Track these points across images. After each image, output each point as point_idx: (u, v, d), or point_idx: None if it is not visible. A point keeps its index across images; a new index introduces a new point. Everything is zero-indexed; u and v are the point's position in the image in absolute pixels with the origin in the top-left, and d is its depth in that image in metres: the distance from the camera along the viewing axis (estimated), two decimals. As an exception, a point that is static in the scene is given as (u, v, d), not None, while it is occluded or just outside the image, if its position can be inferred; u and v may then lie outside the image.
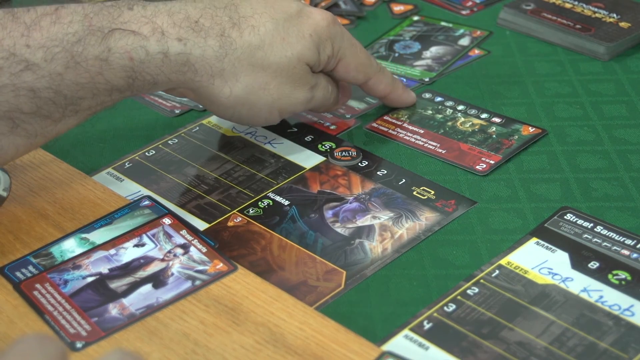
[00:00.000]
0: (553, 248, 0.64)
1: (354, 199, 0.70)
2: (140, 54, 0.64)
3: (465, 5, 0.97)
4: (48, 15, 0.63)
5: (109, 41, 0.63)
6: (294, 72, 0.69)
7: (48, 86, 0.62)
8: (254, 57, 0.68)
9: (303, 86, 0.71)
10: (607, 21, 0.90)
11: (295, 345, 0.56)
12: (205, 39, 0.66)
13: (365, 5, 0.99)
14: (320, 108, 0.75)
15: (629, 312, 0.59)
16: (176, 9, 0.67)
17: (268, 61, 0.68)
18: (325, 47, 0.71)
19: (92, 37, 0.63)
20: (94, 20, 0.63)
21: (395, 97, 0.78)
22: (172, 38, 0.65)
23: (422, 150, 0.75)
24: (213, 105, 0.70)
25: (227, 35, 0.67)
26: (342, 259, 0.65)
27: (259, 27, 0.68)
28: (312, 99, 0.72)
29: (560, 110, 0.80)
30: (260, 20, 0.69)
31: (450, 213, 0.69)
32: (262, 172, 0.74)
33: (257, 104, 0.69)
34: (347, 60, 0.73)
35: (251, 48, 0.68)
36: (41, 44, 0.62)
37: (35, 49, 0.62)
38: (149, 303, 0.60)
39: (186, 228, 0.66)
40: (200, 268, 0.62)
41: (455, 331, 0.58)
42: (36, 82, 0.62)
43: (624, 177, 0.72)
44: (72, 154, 0.76)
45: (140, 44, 0.64)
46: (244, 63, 0.68)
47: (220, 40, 0.67)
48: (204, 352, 0.56)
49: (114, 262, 0.63)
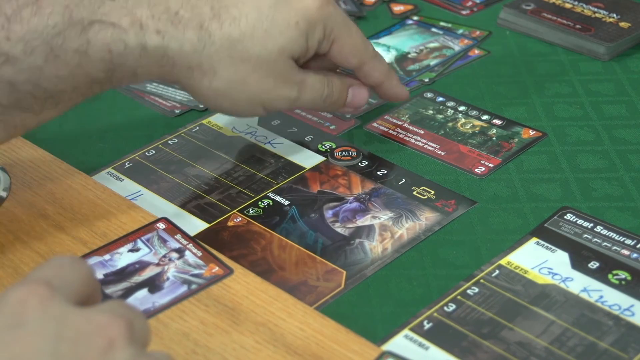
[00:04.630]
0: (553, 248, 0.64)
1: (354, 199, 0.70)
2: (119, 47, 0.63)
3: (465, 5, 0.97)
4: (29, 5, 0.62)
5: (89, 34, 0.62)
6: (276, 66, 0.67)
7: (27, 79, 0.61)
8: (233, 50, 0.66)
9: (286, 82, 0.69)
10: (607, 21, 0.90)
11: (295, 345, 0.56)
12: (183, 31, 0.65)
13: (365, 5, 0.99)
14: (316, 109, 0.73)
15: (629, 312, 0.59)
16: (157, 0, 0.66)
17: (248, 54, 0.67)
18: (315, 31, 0.68)
19: (72, 29, 0.62)
20: (74, 12, 0.62)
21: (388, 87, 0.74)
22: (151, 31, 0.64)
23: (422, 151, 0.75)
24: (196, 96, 0.69)
25: (205, 27, 0.66)
26: (342, 259, 0.65)
27: (240, 18, 0.66)
28: (298, 99, 0.70)
29: (560, 110, 0.80)
30: (243, 10, 0.67)
31: (451, 213, 0.69)
32: (262, 172, 0.74)
33: (237, 98, 0.68)
34: (341, 42, 0.70)
35: (230, 40, 0.66)
36: (21, 37, 0.61)
37: (15, 42, 0.61)
38: (145, 308, 0.60)
39: (180, 232, 0.66)
40: (196, 272, 0.62)
41: (455, 331, 0.58)
42: (15, 75, 0.61)
43: (624, 177, 0.72)
44: (72, 154, 0.76)
45: (119, 37, 0.63)
46: (222, 56, 0.66)
47: (198, 32, 0.65)
48: (204, 352, 0.56)
49: (109, 267, 0.63)
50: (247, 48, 0.66)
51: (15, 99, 0.62)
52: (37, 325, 0.43)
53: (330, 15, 0.69)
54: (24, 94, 0.62)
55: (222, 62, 0.66)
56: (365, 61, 0.72)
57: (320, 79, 0.71)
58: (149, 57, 0.65)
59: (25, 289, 0.44)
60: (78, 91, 0.64)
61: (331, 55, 0.71)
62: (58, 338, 0.43)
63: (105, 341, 0.43)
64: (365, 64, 0.72)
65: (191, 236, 0.66)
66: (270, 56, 0.67)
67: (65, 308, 0.44)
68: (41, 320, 0.43)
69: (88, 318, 0.44)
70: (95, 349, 0.43)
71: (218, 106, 0.70)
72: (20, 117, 0.63)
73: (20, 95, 0.62)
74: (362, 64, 0.72)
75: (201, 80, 0.67)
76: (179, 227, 0.66)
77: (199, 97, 0.69)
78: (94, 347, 0.43)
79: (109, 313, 0.45)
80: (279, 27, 0.67)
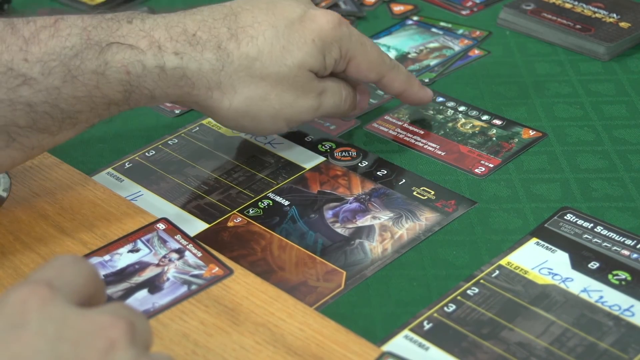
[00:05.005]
0: (553, 248, 0.64)
1: (354, 199, 0.70)
2: (137, 68, 0.64)
3: (465, 5, 0.97)
4: (47, 28, 0.63)
5: (106, 55, 0.63)
6: (296, 81, 0.68)
7: (45, 100, 0.62)
8: (252, 68, 0.67)
9: (307, 94, 0.70)
10: (607, 21, 0.90)
11: (295, 345, 0.56)
12: (201, 52, 0.66)
13: (365, 5, 0.99)
14: (336, 114, 0.73)
15: (629, 313, 0.59)
16: (174, 22, 0.66)
17: (267, 71, 0.67)
18: (332, 51, 0.69)
19: (90, 50, 0.63)
20: (92, 34, 0.63)
21: (411, 94, 0.76)
22: (169, 52, 0.65)
23: (422, 152, 0.75)
24: (216, 117, 0.70)
25: (223, 47, 0.66)
26: (342, 260, 0.65)
27: (257, 37, 0.67)
28: (320, 106, 0.71)
29: (560, 110, 0.80)
30: (260, 29, 0.68)
31: (450, 213, 0.69)
32: (262, 173, 0.74)
33: (259, 115, 0.69)
34: (357, 60, 0.71)
35: (249, 59, 0.67)
36: (39, 58, 0.61)
37: (33, 63, 0.61)
38: (145, 308, 0.60)
39: (180, 233, 0.66)
40: (195, 272, 0.62)
41: (455, 331, 0.58)
42: (33, 97, 0.61)
43: (624, 177, 0.72)
44: (72, 155, 0.76)
45: (137, 58, 0.64)
46: (241, 75, 0.67)
47: (217, 53, 0.66)
48: (204, 353, 0.56)
49: (108, 268, 0.63)
50: (265, 65, 0.67)
51: (32, 120, 0.62)
52: (37, 326, 0.43)
53: (344, 36, 0.70)
54: (42, 114, 0.62)
55: (241, 81, 0.67)
56: (384, 74, 0.73)
57: (336, 83, 0.72)
58: (168, 78, 0.65)
59: (26, 289, 0.44)
60: (95, 112, 0.65)
61: (349, 73, 0.72)
62: (58, 338, 0.43)
63: (106, 342, 0.43)
64: (384, 77, 0.73)
65: (191, 237, 0.66)
66: (290, 72, 0.68)
67: (66, 309, 0.44)
68: (42, 320, 0.43)
69: (89, 319, 0.44)
70: (96, 349, 0.43)
71: (240, 126, 0.70)
72: (37, 138, 0.63)
73: (37, 116, 0.62)
74: (381, 77, 0.73)
75: (221, 101, 0.67)
76: (179, 227, 0.66)
77: (219, 119, 0.69)
78: (95, 348, 0.43)
79: (110, 314, 0.45)
80: (296, 44, 0.68)
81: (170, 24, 0.66)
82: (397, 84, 0.74)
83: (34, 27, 0.63)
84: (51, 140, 0.64)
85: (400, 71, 0.74)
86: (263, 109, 0.68)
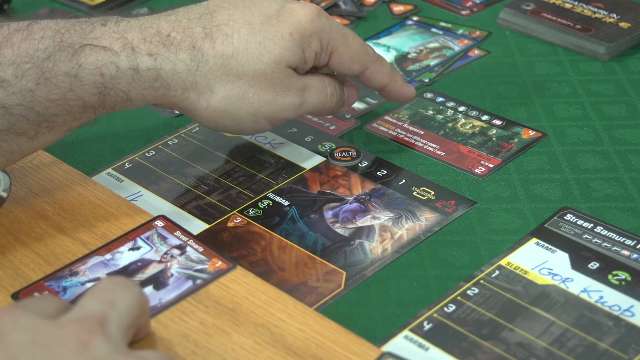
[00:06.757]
0: (553, 248, 0.64)
1: (353, 199, 0.70)
2: (111, 70, 0.63)
3: (465, 5, 0.97)
4: (20, 31, 0.62)
5: (80, 57, 0.63)
6: (274, 77, 0.67)
7: (19, 103, 0.62)
8: (228, 67, 0.66)
9: (287, 91, 0.68)
10: (607, 21, 0.90)
11: (295, 346, 0.56)
12: (175, 53, 0.65)
13: (365, 5, 0.99)
14: (323, 111, 0.72)
15: (629, 313, 0.59)
16: (148, 24, 0.66)
17: (243, 69, 0.66)
18: (311, 44, 0.68)
19: (63, 53, 0.62)
20: (65, 36, 0.63)
21: (394, 88, 0.74)
22: (142, 53, 0.64)
23: (422, 152, 0.75)
24: (196, 118, 0.69)
25: (198, 47, 0.66)
26: (342, 260, 0.65)
27: (232, 35, 0.66)
28: (302, 103, 0.69)
29: (560, 110, 0.80)
30: (235, 27, 0.67)
31: (450, 213, 0.69)
32: (262, 173, 0.74)
33: (238, 115, 0.68)
34: (339, 51, 0.70)
35: (224, 58, 0.66)
36: (12, 60, 0.61)
37: (6, 65, 0.61)
38: (153, 304, 0.60)
39: (180, 229, 0.66)
40: (199, 267, 0.62)
41: (455, 332, 0.58)
42: (7, 99, 0.61)
43: (624, 177, 0.72)
44: (72, 155, 0.76)
45: (110, 60, 0.63)
46: (217, 74, 0.66)
47: (191, 53, 0.65)
48: (204, 353, 0.56)
49: (111, 266, 0.63)
50: (242, 63, 0.66)
51: (8, 123, 0.62)
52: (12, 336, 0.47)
53: (324, 27, 0.68)
54: (17, 117, 0.62)
55: (218, 80, 0.66)
56: (367, 66, 0.72)
57: (320, 79, 0.71)
58: (142, 80, 0.64)
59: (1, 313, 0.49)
60: (72, 115, 0.64)
61: (331, 66, 0.71)
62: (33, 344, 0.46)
63: (78, 343, 0.47)
64: (367, 69, 0.72)
65: (190, 233, 0.66)
66: (267, 68, 0.67)
67: (38, 320, 0.48)
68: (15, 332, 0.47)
69: (59, 326, 0.48)
70: (69, 350, 0.46)
71: (220, 126, 0.69)
72: (15, 141, 0.63)
73: (13, 119, 0.62)
74: (364, 69, 0.72)
75: (199, 101, 0.67)
76: (177, 224, 0.66)
77: (199, 119, 0.68)
78: (68, 349, 0.47)
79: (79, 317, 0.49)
80: (272, 39, 0.67)
81: (144, 25, 0.65)
82: (380, 76, 0.73)
83: (7, 30, 0.62)
84: (30, 145, 0.64)
85: (383, 64, 0.73)
86: (242, 108, 0.67)
